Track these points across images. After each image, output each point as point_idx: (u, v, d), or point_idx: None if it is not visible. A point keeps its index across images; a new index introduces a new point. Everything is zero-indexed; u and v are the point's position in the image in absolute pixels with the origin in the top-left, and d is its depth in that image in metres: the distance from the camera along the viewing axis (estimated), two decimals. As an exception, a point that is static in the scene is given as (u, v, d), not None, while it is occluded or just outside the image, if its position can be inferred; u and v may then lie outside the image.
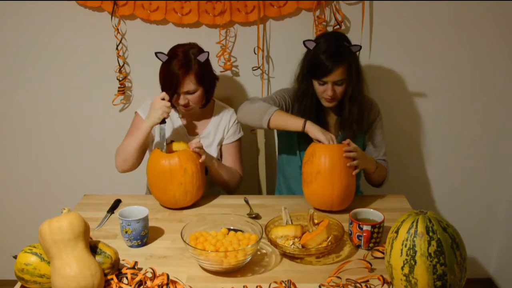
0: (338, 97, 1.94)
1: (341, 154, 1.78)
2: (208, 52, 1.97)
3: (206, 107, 2.10)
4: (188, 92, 1.94)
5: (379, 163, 2.01)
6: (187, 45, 1.98)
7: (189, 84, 1.92)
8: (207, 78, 1.98)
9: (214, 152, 2.09)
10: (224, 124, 2.11)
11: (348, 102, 1.96)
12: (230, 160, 2.13)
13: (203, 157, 1.88)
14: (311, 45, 1.93)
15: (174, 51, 1.96)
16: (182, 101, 1.96)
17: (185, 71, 1.91)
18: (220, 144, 2.13)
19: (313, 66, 1.91)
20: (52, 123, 2.44)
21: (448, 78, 2.37)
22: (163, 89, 1.97)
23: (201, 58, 1.94)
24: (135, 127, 2.05)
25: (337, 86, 1.91)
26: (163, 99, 1.92)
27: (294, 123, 1.87)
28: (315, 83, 1.94)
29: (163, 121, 1.94)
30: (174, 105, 2.00)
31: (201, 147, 1.89)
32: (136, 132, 1.97)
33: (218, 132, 2.11)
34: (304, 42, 1.94)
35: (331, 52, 1.88)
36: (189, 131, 2.11)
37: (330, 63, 1.86)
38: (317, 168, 1.77)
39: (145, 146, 2.01)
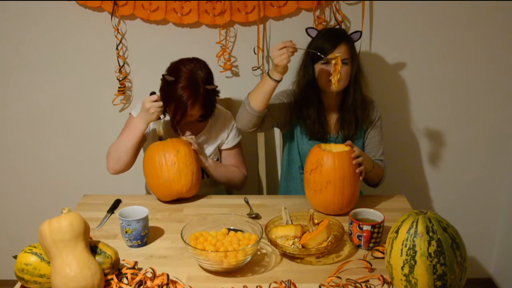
0: (342, 78, 1.92)
1: (349, 161, 1.76)
2: (216, 86, 1.94)
3: None
4: (191, 115, 1.94)
5: (376, 162, 2.02)
6: (194, 64, 1.90)
7: (194, 110, 1.92)
8: (211, 102, 1.97)
9: (210, 153, 2.09)
10: (223, 128, 2.10)
11: (352, 85, 1.97)
12: (234, 163, 2.13)
13: (195, 145, 1.91)
14: (313, 33, 1.98)
15: (180, 72, 1.88)
16: (182, 120, 1.95)
17: (193, 102, 1.88)
18: (218, 148, 2.12)
19: (316, 48, 1.91)
20: (52, 123, 2.44)
21: (448, 78, 2.37)
22: (166, 110, 1.94)
23: (209, 87, 1.91)
24: (128, 127, 2.04)
25: (341, 65, 1.91)
26: (155, 100, 1.90)
27: (265, 82, 1.84)
28: (319, 69, 1.93)
29: (159, 117, 1.96)
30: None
31: (193, 138, 1.92)
32: (130, 131, 1.96)
33: (215, 134, 2.10)
34: (306, 29, 1.99)
35: (332, 33, 1.96)
36: (184, 133, 2.10)
37: (332, 40, 1.91)
38: (327, 178, 1.75)
39: (139, 145, 2.01)
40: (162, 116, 1.98)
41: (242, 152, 2.16)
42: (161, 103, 1.90)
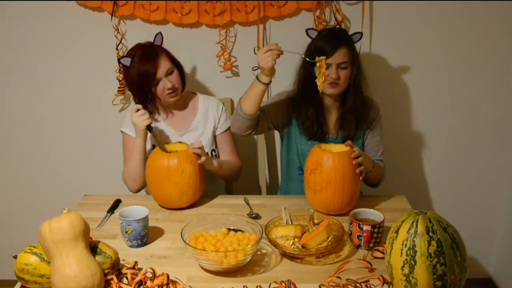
0: (341, 82, 1.93)
1: (349, 161, 1.76)
2: (161, 34, 2.05)
3: (191, 100, 2.13)
4: (167, 73, 1.97)
5: (376, 163, 2.01)
6: (140, 44, 2.03)
7: (165, 63, 1.96)
8: (175, 59, 2.04)
9: (207, 142, 2.09)
10: (213, 113, 2.12)
11: (352, 87, 1.97)
12: (228, 149, 2.14)
13: (203, 158, 1.88)
14: (313, 34, 1.98)
15: (133, 51, 2.00)
16: (168, 84, 1.97)
17: (155, 55, 1.95)
18: (214, 134, 2.13)
19: (315, 50, 1.92)
20: (52, 123, 2.44)
21: (448, 78, 2.37)
22: (138, 90, 2.00)
23: (157, 41, 2.03)
24: (128, 148, 2.07)
25: (340, 69, 1.91)
26: (137, 110, 1.95)
27: (254, 86, 1.87)
28: None
29: (150, 128, 1.96)
30: (154, 110, 2.04)
31: (200, 148, 1.89)
32: (132, 151, 2.00)
33: (208, 121, 2.12)
34: (306, 30, 1.99)
35: (333, 35, 1.95)
36: (176, 127, 2.10)
37: (332, 43, 1.90)
38: (327, 178, 1.75)
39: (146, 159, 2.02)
40: (153, 125, 1.99)
41: (235, 139, 2.18)
42: (142, 111, 1.95)
